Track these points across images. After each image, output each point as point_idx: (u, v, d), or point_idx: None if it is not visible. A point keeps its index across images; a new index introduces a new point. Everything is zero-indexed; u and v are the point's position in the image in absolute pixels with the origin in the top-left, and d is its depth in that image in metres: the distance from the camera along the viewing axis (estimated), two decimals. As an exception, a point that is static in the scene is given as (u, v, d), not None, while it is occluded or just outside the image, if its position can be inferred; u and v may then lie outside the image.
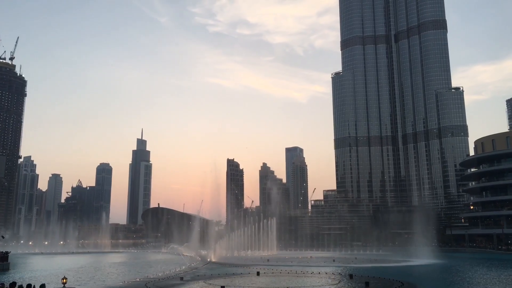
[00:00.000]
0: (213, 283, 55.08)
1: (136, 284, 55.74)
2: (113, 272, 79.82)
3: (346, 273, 69.82)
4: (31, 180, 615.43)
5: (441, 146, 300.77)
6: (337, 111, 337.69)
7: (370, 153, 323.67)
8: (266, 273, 71.87)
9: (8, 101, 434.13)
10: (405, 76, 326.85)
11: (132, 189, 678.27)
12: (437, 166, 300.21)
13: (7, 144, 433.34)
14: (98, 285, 56.09)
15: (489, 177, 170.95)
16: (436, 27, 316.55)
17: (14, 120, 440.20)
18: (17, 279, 34.58)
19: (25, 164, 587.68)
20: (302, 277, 66.55)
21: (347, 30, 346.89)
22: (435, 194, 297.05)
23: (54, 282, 45.63)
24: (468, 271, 79.83)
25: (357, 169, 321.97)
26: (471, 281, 60.42)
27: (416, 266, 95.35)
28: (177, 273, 71.67)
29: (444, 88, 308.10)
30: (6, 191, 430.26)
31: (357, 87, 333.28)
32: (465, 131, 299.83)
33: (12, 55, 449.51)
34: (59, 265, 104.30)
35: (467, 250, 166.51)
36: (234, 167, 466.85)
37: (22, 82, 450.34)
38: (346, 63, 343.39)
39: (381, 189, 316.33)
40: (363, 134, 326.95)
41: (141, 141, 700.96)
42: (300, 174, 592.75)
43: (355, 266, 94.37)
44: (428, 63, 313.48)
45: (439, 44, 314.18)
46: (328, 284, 54.38)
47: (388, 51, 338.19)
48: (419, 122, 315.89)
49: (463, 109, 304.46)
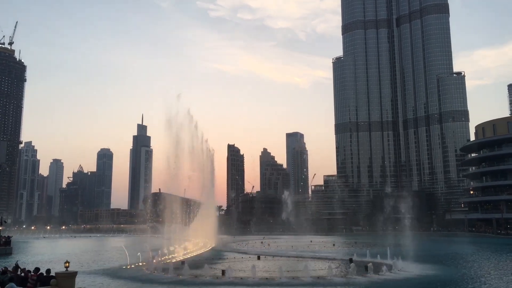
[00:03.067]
0: (214, 267, 55.58)
1: (137, 268, 56.26)
2: (115, 256, 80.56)
3: (346, 257, 70.36)
4: (32, 165, 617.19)
5: (442, 131, 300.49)
6: (337, 96, 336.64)
7: (370, 138, 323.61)
8: (267, 258, 72.57)
9: (7, 87, 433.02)
10: (406, 60, 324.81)
11: (133, 174, 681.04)
12: (437, 151, 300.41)
13: (7, 130, 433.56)
14: (100, 268, 56.63)
15: (490, 162, 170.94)
16: (438, 11, 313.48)
17: (14, 106, 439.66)
18: (20, 263, 35.08)
19: (26, 149, 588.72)
20: (302, 261, 67.12)
21: (349, 14, 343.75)
22: (435, 179, 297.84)
23: (57, 266, 46.15)
24: (469, 255, 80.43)
25: (357, 154, 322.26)
26: (469, 264, 60.92)
27: (415, 250, 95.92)
28: (177, 257, 72.25)
29: (445, 73, 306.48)
30: (7, 176, 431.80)
31: (358, 72, 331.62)
32: (466, 116, 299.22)
33: (11, 40, 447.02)
34: (62, 249, 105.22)
35: (467, 235, 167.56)
36: (234, 153, 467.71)
37: (21, 67, 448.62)
38: (347, 47, 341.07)
39: (381, 174, 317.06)
40: (363, 119, 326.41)
41: (141, 127, 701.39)
42: (301, 159, 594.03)
43: (354, 250, 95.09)
44: (429, 48, 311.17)
45: (441, 28, 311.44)
46: (328, 268, 54.86)
47: (390, 35, 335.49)
48: (420, 107, 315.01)
49: (464, 94, 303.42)
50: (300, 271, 48.17)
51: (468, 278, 47.22)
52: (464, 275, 49.85)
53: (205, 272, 48.41)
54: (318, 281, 42.47)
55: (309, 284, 41.47)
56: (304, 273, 45.93)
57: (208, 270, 49.43)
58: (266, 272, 49.86)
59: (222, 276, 45.62)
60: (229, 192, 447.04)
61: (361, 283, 42.72)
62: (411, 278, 45.74)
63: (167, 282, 44.05)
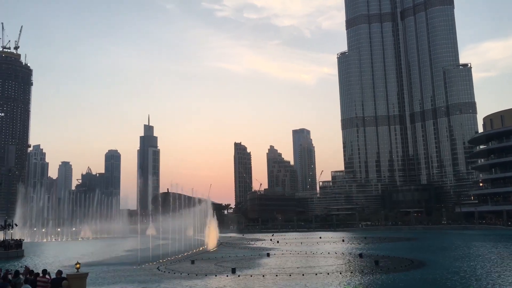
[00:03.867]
0: (224, 265, 55.72)
1: (148, 267, 56.55)
2: (126, 256, 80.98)
3: (355, 252, 70.26)
4: (41, 168, 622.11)
5: (450, 124, 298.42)
6: (343, 91, 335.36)
7: (377, 133, 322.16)
8: (276, 254, 72.61)
9: (14, 91, 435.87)
10: (411, 54, 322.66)
11: (141, 175, 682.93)
12: (445, 144, 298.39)
13: (16, 134, 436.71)
14: (111, 269, 56.96)
15: (498, 153, 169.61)
16: (443, 3, 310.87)
17: (22, 110, 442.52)
18: (32, 266, 35.44)
19: (34, 152, 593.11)
20: (312, 257, 67.11)
21: (352, 8, 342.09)
22: (444, 172, 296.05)
23: (68, 268, 46.50)
24: (479, 247, 79.96)
25: (364, 149, 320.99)
26: (482, 257, 60.52)
27: (425, 244, 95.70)
28: (188, 256, 72.55)
29: (451, 65, 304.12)
30: (17, 180, 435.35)
31: (363, 67, 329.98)
32: (474, 108, 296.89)
33: (16, 44, 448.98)
34: (72, 251, 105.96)
35: (477, 227, 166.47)
36: (241, 151, 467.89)
37: (27, 71, 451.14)
38: (352, 42, 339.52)
39: (389, 168, 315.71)
40: (370, 114, 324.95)
41: (148, 127, 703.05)
42: (308, 155, 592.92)
43: (364, 245, 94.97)
44: (435, 40, 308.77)
45: (446, 20, 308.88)
46: (338, 264, 54.76)
47: (394, 29, 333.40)
48: (426, 100, 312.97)
49: (471, 86, 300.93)
50: (310, 267, 48.11)
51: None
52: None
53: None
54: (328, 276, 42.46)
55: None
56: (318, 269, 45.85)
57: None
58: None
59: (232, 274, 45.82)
60: (237, 190, 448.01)
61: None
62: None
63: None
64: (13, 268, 28.09)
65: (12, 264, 64.08)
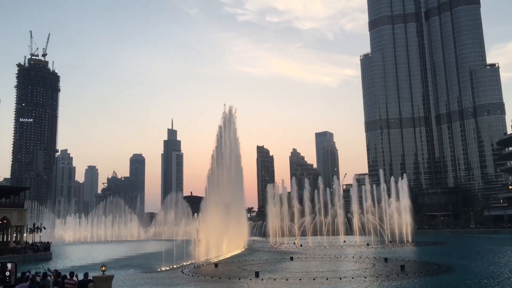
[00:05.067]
0: (247, 269, 55.65)
1: (172, 270, 56.94)
2: (151, 259, 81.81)
3: (380, 256, 69.20)
4: (69, 172, 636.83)
5: (477, 125, 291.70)
6: (366, 93, 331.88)
7: (402, 135, 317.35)
8: (300, 258, 72.16)
9: (43, 97, 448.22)
10: (437, 54, 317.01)
11: (164, 178, 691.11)
12: (473, 146, 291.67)
13: (44, 139, 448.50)
14: (136, 272, 57.61)
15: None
16: (469, 3, 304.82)
17: (50, 115, 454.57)
18: (60, 268, 36.28)
19: (62, 157, 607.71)
20: (336, 261, 66.42)
21: (375, 9, 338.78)
22: (471, 175, 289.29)
23: (95, 270, 47.26)
24: (506, 251, 77.66)
25: (389, 152, 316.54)
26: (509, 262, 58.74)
27: (453, 248, 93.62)
28: (210, 259, 72.73)
29: (478, 65, 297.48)
30: (45, 184, 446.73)
31: (387, 68, 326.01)
32: (502, 109, 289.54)
33: (44, 51, 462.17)
34: (99, 254, 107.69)
35: (506, 231, 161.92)
36: (264, 154, 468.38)
37: (55, 78, 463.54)
38: (375, 44, 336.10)
39: (414, 171, 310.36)
40: (394, 116, 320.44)
41: (171, 131, 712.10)
42: (331, 158, 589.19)
43: (389, 249, 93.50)
44: (461, 40, 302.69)
45: (472, 19, 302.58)
46: (363, 268, 54.04)
47: (419, 29, 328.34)
48: (453, 101, 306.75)
49: (499, 86, 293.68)
50: (334, 271, 47.59)
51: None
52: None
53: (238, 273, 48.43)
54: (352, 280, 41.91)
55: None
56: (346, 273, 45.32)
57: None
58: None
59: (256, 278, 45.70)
60: (259, 193, 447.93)
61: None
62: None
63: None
64: (41, 270, 28.70)
65: (40, 266, 65.51)
